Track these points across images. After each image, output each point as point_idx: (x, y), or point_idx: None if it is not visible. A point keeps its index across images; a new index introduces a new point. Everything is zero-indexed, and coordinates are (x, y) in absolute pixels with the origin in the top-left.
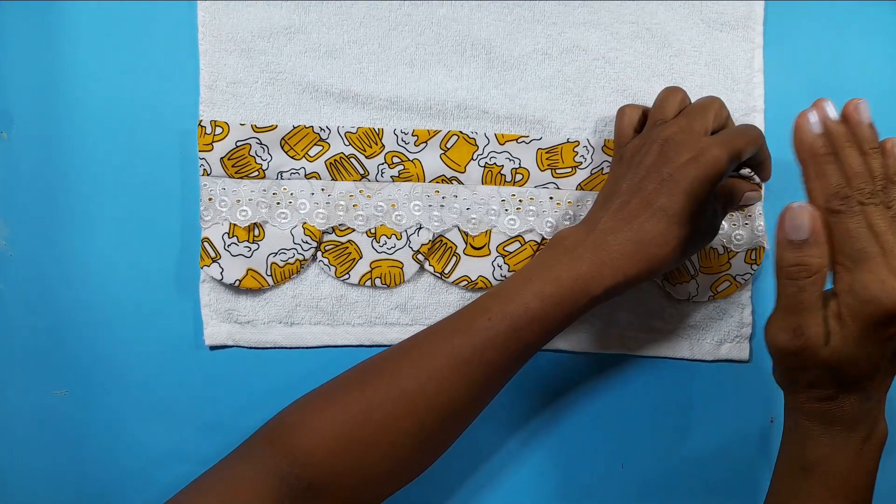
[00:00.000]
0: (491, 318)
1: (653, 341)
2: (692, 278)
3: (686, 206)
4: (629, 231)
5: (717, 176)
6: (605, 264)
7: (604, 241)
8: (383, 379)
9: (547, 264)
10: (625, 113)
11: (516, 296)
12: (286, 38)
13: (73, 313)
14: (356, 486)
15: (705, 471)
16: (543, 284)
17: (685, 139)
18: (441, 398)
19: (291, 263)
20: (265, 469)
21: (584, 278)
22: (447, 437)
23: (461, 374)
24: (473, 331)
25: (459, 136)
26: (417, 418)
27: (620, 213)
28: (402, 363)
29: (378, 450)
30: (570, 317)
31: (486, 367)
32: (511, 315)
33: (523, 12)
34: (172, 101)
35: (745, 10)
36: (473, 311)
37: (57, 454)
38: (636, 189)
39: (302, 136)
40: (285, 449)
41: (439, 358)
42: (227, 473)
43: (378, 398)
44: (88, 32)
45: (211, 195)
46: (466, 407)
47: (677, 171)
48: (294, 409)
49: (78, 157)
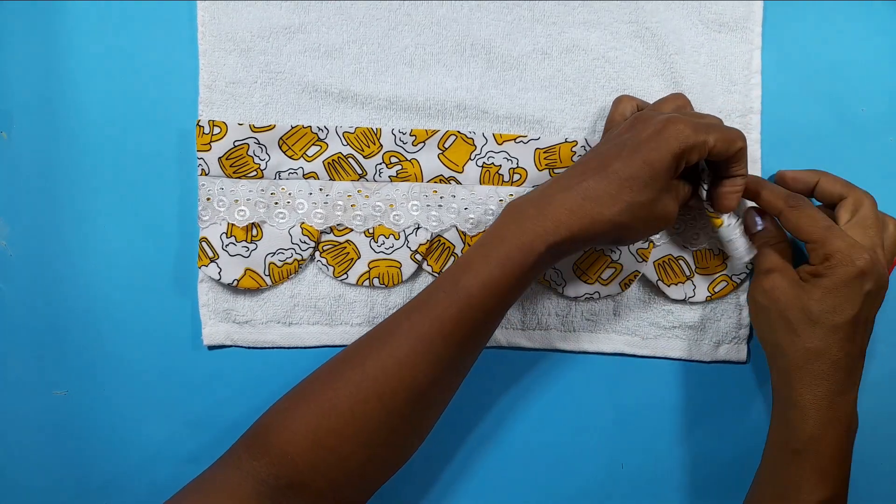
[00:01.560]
0: (445, 291)
1: (651, 342)
2: (688, 279)
3: (641, 173)
4: (577, 188)
5: (678, 150)
6: (548, 218)
7: (551, 198)
8: (347, 367)
9: (496, 228)
10: (620, 102)
11: (467, 264)
12: (285, 38)
13: (73, 313)
14: (336, 480)
15: (704, 471)
16: (490, 248)
17: (655, 116)
18: (404, 378)
19: (289, 263)
20: (244, 474)
21: (528, 235)
22: (418, 422)
23: (421, 352)
24: (430, 306)
25: (457, 136)
26: (382, 401)
27: (573, 173)
28: (365, 349)
29: (349, 438)
30: (520, 279)
31: (446, 340)
32: (462, 284)
33: (523, 12)
34: (172, 100)
35: (743, 11)
36: (430, 287)
37: (57, 454)
38: (596, 154)
39: (300, 136)
40: (261, 451)
41: (399, 337)
42: (208, 482)
43: (342, 386)
44: (88, 32)
45: (209, 195)
46: (431, 385)
47: (640, 140)
48: (268, 412)
49: (77, 157)
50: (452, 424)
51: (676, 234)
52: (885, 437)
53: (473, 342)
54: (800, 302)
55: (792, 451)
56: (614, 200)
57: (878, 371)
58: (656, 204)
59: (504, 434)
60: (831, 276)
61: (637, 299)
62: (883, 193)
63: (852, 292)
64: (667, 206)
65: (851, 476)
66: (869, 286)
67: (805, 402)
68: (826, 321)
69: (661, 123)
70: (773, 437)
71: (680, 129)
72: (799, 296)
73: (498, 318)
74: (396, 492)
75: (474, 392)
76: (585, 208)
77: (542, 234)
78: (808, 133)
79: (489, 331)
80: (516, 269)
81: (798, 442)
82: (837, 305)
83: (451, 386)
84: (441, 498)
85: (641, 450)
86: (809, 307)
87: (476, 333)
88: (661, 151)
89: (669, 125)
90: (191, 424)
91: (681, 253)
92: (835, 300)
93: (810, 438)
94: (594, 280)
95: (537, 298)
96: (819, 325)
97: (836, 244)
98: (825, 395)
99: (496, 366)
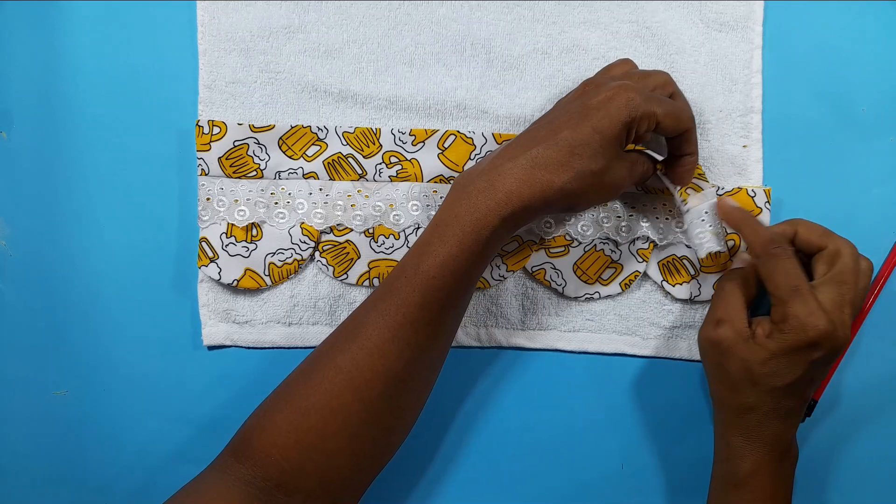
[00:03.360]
0: (406, 276)
1: (652, 341)
2: (693, 278)
3: (590, 140)
4: (526, 157)
5: (628, 118)
6: (499, 190)
7: (500, 168)
8: (321, 363)
9: (448, 205)
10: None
11: (425, 247)
12: (285, 37)
13: (73, 313)
14: (324, 478)
15: (704, 470)
16: (446, 227)
17: (606, 82)
18: (376, 368)
19: (289, 263)
20: (232, 478)
21: (480, 210)
22: (399, 410)
23: (390, 339)
24: (393, 293)
25: (457, 136)
26: (358, 393)
27: (521, 142)
28: (337, 343)
29: (331, 435)
30: (478, 255)
31: (413, 325)
32: (422, 267)
33: (523, 12)
34: (171, 100)
35: (744, 11)
36: (393, 273)
37: (57, 453)
38: (545, 121)
39: (300, 136)
40: (246, 455)
41: (367, 329)
42: (196, 488)
43: (317, 382)
44: (88, 32)
45: (209, 195)
46: (404, 372)
47: (590, 107)
48: (251, 416)
49: (77, 157)
50: (451, 424)
51: (680, 232)
52: (885, 437)
53: (441, 324)
54: (744, 362)
55: (732, 486)
56: (564, 168)
57: (878, 371)
58: (606, 172)
59: (504, 434)
60: (781, 341)
61: (637, 299)
62: (883, 193)
63: (798, 359)
64: (616, 175)
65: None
66: (818, 355)
67: (740, 444)
68: (765, 383)
69: (611, 90)
70: (715, 471)
71: (631, 96)
72: (745, 355)
73: (463, 296)
74: (393, 492)
75: (474, 392)
76: (535, 176)
77: (495, 207)
78: (809, 133)
79: (455, 313)
80: (473, 246)
81: (736, 477)
82: (779, 371)
83: (428, 370)
84: (440, 497)
85: (641, 450)
86: (752, 369)
87: (443, 314)
88: (612, 119)
89: (620, 92)
90: (191, 424)
91: (685, 253)
92: (778, 365)
93: (747, 475)
94: (594, 280)
95: (537, 298)
96: (758, 386)
97: (796, 309)
98: (759, 439)
99: (496, 366)
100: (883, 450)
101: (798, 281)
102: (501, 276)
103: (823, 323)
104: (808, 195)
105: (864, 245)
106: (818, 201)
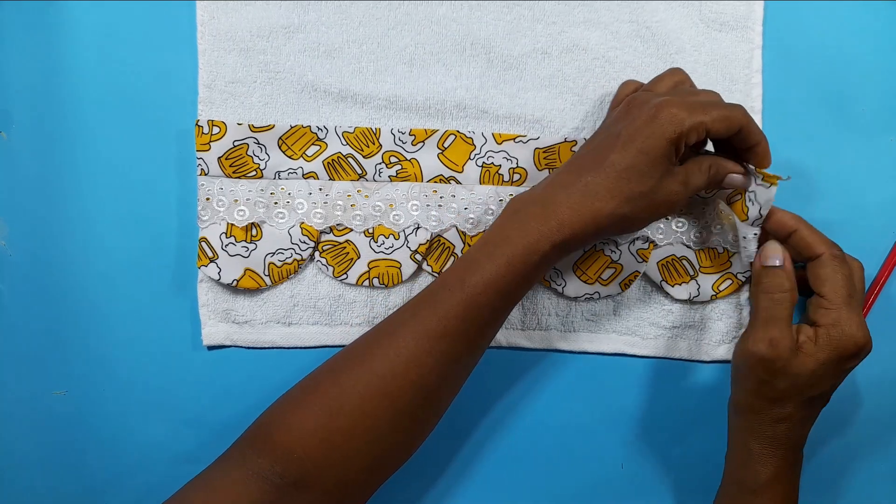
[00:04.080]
0: (451, 289)
1: (651, 342)
2: (692, 279)
3: (637, 162)
4: (577, 185)
5: (674, 135)
6: (552, 218)
7: (553, 196)
8: (354, 365)
9: (499, 226)
10: (625, 86)
11: (472, 263)
12: (285, 37)
13: (73, 313)
14: (342, 478)
15: (703, 470)
16: (495, 247)
17: (649, 100)
18: (410, 375)
19: (289, 263)
20: (248, 471)
21: (532, 235)
22: (425, 420)
23: (427, 349)
24: (435, 303)
25: (457, 136)
26: (390, 399)
27: (571, 169)
28: (371, 346)
29: (357, 437)
30: (525, 278)
31: (452, 338)
32: (467, 282)
33: (523, 11)
34: (171, 100)
35: (744, 11)
36: (435, 285)
37: (56, 454)
38: (593, 147)
39: (299, 136)
40: (266, 449)
41: (405, 335)
42: (211, 479)
43: (350, 384)
44: (88, 32)
45: (208, 195)
46: (437, 382)
47: (634, 128)
48: (273, 409)
49: (77, 157)
50: (452, 424)
51: (679, 233)
52: (885, 437)
53: (478, 340)
54: (795, 378)
55: (749, 492)
56: (613, 194)
57: (877, 371)
58: (657, 191)
59: (504, 434)
60: (829, 349)
61: (637, 299)
62: (883, 193)
63: (840, 367)
64: (669, 192)
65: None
66: (853, 364)
67: (762, 451)
68: (806, 394)
69: (654, 108)
70: (730, 474)
71: (674, 112)
72: (796, 371)
73: (503, 317)
74: (396, 492)
75: (474, 392)
76: (586, 205)
77: (547, 234)
78: (809, 132)
79: (494, 329)
80: (521, 268)
81: (755, 484)
82: (823, 380)
83: (456, 384)
84: (441, 498)
85: (641, 450)
86: (800, 383)
87: (481, 332)
88: (657, 138)
89: (663, 109)
90: (190, 424)
91: (684, 253)
92: (823, 374)
93: (767, 483)
94: (594, 280)
95: (537, 298)
96: (801, 397)
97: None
98: (783, 446)
99: (496, 366)
100: (882, 450)
101: (852, 290)
102: None
103: (866, 334)
104: (808, 195)
105: (864, 245)
106: (818, 201)
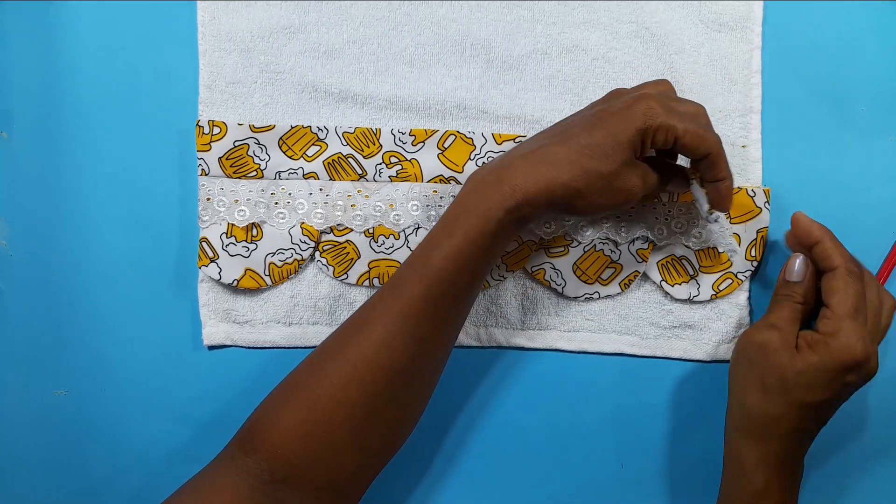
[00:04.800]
0: (413, 268)
1: (651, 342)
2: (692, 278)
3: (602, 141)
4: (538, 153)
5: (643, 126)
6: (505, 183)
7: (510, 162)
8: (328, 356)
9: (458, 199)
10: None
11: (432, 240)
12: (285, 38)
13: (73, 313)
14: (330, 471)
15: (703, 471)
16: (454, 221)
17: (631, 91)
18: (381, 359)
19: (289, 263)
20: (238, 471)
21: (487, 202)
22: (404, 403)
23: (396, 332)
24: (400, 284)
25: (457, 136)
26: (364, 386)
27: (536, 139)
28: (344, 336)
29: (337, 428)
30: (483, 249)
31: (418, 318)
32: (429, 260)
33: (523, 12)
34: (172, 100)
35: (743, 11)
36: (402, 267)
37: (57, 453)
38: (563, 123)
39: (300, 136)
40: (253, 447)
41: (373, 321)
42: (203, 480)
43: (325, 376)
44: (88, 32)
45: (209, 195)
46: (409, 365)
47: (609, 112)
48: (258, 409)
49: (77, 157)
50: (452, 424)
51: (678, 233)
52: (885, 438)
53: (446, 319)
54: (781, 368)
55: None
56: (572, 165)
57: (880, 374)
58: (616, 177)
59: (504, 434)
60: (824, 355)
61: (637, 299)
62: (883, 193)
63: (834, 378)
64: (627, 181)
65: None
66: (852, 378)
67: (754, 460)
68: (797, 395)
69: (633, 98)
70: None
71: (651, 105)
72: (785, 361)
73: (468, 292)
74: (393, 491)
75: (474, 392)
76: (541, 171)
77: (500, 200)
78: (809, 133)
79: (462, 306)
80: (478, 238)
81: (747, 495)
82: (815, 385)
83: (432, 365)
84: (440, 498)
85: (641, 450)
86: (787, 377)
87: (448, 308)
88: (627, 124)
89: (642, 101)
90: (191, 424)
91: (683, 253)
92: (814, 379)
93: (758, 493)
94: (594, 280)
95: (537, 298)
96: (789, 396)
97: (849, 328)
98: (775, 455)
99: (496, 366)
100: (883, 452)
101: (861, 305)
102: (501, 276)
103: (866, 349)
104: (808, 195)
105: (864, 245)
106: (818, 201)
